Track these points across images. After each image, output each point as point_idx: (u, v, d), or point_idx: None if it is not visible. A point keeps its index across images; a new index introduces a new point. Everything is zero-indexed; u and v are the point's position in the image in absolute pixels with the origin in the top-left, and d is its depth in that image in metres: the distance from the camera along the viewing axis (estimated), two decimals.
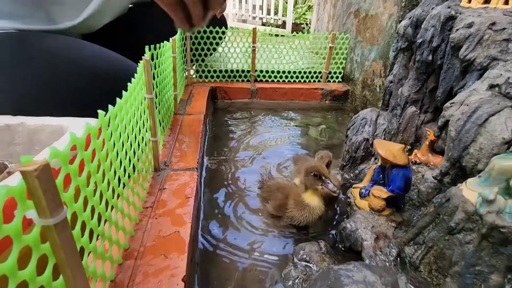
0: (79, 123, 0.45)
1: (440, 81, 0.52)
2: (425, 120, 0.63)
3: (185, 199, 0.47)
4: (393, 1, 0.82)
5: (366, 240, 0.43)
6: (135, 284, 0.33)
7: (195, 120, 0.75)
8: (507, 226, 0.29)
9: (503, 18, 0.44)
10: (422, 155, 0.59)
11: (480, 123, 0.38)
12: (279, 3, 3.12)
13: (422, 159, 0.59)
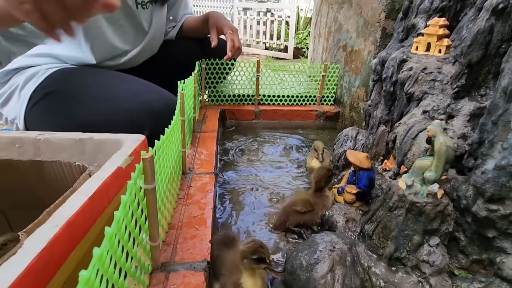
0: (132, 138, 0.62)
1: (395, 107, 0.70)
2: (392, 137, 0.80)
3: (206, 193, 0.63)
4: (371, 41, 1.02)
5: (339, 222, 0.59)
6: (178, 243, 0.49)
7: (210, 137, 0.93)
8: (420, 202, 0.46)
9: (434, 63, 0.62)
10: (390, 163, 0.75)
11: (413, 137, 0.55)
12: (282, 29, 3.36)
13: (390, 167, 0.75)
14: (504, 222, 0.43)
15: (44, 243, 0.30)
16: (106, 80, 0.74)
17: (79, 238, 0.37)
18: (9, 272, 0.26)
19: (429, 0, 0.71)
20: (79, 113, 0.67)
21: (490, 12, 0.50)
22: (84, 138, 0.61)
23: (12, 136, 0.58)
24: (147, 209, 0.38)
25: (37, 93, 0.72)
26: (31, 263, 0.27)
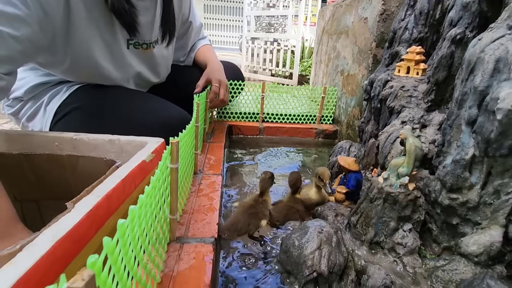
0: (153, 140, 0.72)
1: (380, 120, 0.80)
2: (377, 144, 0.90)
3: (214, 189, 0.73)
4: (364, 66, 1.14)
5: (329, 216, 0.67)
6: (191, 224, 0.58)
7: (218, 146, 1.03)
8: (394, 192, 0.55)
9: (411, 83, 0.73)
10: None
11: (392, 142, 0.64)
12: (287, 57, 3.56)
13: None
14: (463, 209, 0.51)
15: (90, 207, 0.39)
16: (127, 97, 0.82)
17: (113, 209, 0.47)
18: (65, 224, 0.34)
19: (409, 32, 0.83)
20: (102, 128, 0.75)
21: (450, 41, 0.61)
22: (112, 139, 0.71)
23: (52, 135, 0.68)
24: (171, 185, 0.48)
25: (62, 109, 0.78)
26: (80, 220, 0.35)
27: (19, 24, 0.53)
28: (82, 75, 0.79)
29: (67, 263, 0.35)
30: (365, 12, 1.13)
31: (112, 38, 0.75)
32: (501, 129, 0.43)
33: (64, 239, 0.34)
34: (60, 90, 0.81)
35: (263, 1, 3.54)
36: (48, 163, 0.64)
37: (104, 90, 0.82)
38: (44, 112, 0.81)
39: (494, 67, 0.45)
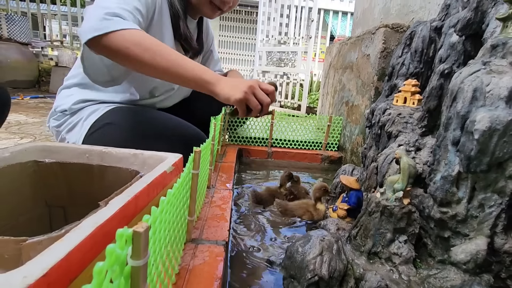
0: (173, 155, 0.80)
1: (380, 144, 0.87)
2: (375, 165, 0.96)
3: (226, 201, 0.79)
4: (367, 97, 1.23)
5: (331, 229, 0.72)
6: (204, 229, 0.64)
7: (229, 166, 1.11)
8: (390, 206, 0.60)
9: (407, 111, 0.81)
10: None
11: (389, 162, 0.71)
12: (296, 90, 3.72)
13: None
14: (453, 222, 0.57)
15: (122, 203, 0.46)
16: (152, 117, 0.92)
17: (139, 209, 0.53)
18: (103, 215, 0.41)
19: (406, 67, 0.93)
20: (128, 142, 0.77)
21: (439, 75, 0.70)
22: (136, 153, 0.79)
23: (84, 148, 0.76)
24: (191, 189, 0.55)
25: (97, 124, 0.88)
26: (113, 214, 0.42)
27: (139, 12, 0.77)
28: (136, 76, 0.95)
29: (103, 247, 0.42)
30: (367, 50, 1.24)
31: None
32: (479, 147, 0.49)
33: (101, 226, 0.41)
34: (98, 109, 0.93)
35: (275, 38, 3.78)
36: (79, 172, 0.72)
37: (134, 111, 0.93)
38: (82, 126, 0.91)
39: (472, 96, 0.52)
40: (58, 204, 0.75)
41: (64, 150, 0.75)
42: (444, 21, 0.84)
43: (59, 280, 0.32)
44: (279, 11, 3.69)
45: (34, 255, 0.44)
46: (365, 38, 1.27)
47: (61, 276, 0.32)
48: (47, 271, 0.29)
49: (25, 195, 0.66)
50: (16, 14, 3.41)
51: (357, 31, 1.69)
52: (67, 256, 0.33)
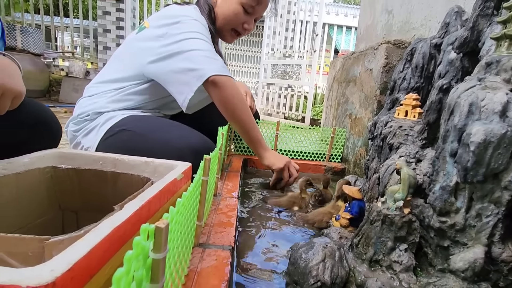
0: (182, 164, 0.83)
1: (381, 156, 0.90)
2: (377, 176, 0.98)
3: (232, 209, 0.82)
4: (370, 110, 1.27)
5: (334, 238, 0.74)
6: (211, 234, 0.66)
7: (234, 175, 1.13)
8: (391, 215, 0.62)
9: (408, 124, 0.84)
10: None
11: (390, 173, 0.73)
12: (300, 102, 3.77)
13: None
14: (452, 231, 0.58)
15: (136, 208, 0.49)
16: (164, 125, 0.97)
17: (152, 214, 0.56)
18: (119, 217, 0.44)
19: (407, 82, 0.96)
20: (141, 149, 0.82)
21: (438, 89, 0.73)
22: (148, 161, 0.82)
23: (98, 155, 0.80)
24: (201, 194, 0.58)
25: (112, 129, 0.94)
26: (128, 218, 0.45)
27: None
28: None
29: (119, 246, 0.45)
30: (370, 64, 1.28)
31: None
32: (475, 158, 0.52)
33: (118, 228, 0.44)
34: (115, 116, 0.98)
35: (280, 52, 3.87)
36: (93, 178, 0.75)
37: (148, 119, 0.99)
38: (98, 131, 0.97)
39: (468, 110, 0.55)
40: (71, 209, 0.78)
41: (79, 157, 0.78)
42: (443, 39, 0.87)
43: (81, 275, 0.35)
44: (284, 26, 3.78)
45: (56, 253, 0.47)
46: (368, 53, 1.31)
47: (83, 271, 0.35)
48: (71, 266, 0.32)
49: (41, 199, 0.70)
50: (31, 26, 3.54)
51: (361, 46, 1.74)
52: (88, 253, 0.36)
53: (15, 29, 3.00)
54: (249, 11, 1.04)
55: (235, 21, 1.05)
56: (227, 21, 1.05)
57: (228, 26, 1.06)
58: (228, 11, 1.04)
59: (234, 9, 1.03)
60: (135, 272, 0.25)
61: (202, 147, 0.90)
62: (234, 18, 1.04)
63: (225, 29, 1.07)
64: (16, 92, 0.54)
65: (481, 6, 0.67)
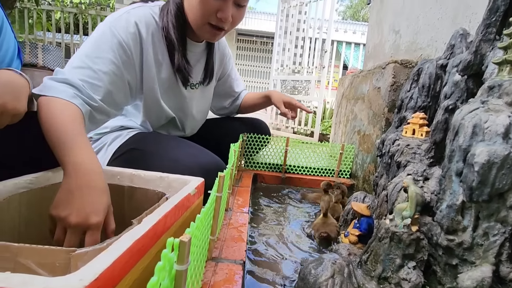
0: (195, 179, 0.86)
1: (390, 173, 0.91)
2: (385, 193, 0.99)
3: (242, 223, 0.84)
4: (378, 127, 1.29)
5: (343, 254, 0.75)
6: (223, 249, 0.69)
7: (245, 190, 1.16)
8: (399, 232, 0.64)
9: (416, 142, 0.85)
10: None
11: (398, 191, 0.75)
12: (309, 117, 3.80)
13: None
14: (460, 249, 0.59)
15: (153, 222, 0.52)
16: (173, 144, 0.97)
17: (167, 228, 0.59)
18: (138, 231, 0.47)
19: (414, 101, 0.99)
20: (151, 168, 0.81)
21: (444, 110, 0.75)
22: (162, 176, 0.85)
23: (116, 171, 0.83)
24: (214, 210, 0.61)
25: (121, 149, 0.94)
26: (146, 232, 0.48)
27: (108, 63, 0.74)
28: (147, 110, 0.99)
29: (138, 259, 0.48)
30: (378, 83, 1.31)
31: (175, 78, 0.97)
32: (480, 178, 0.54)
33: (137, 241, 0.47)
34: (121, 134, 1.00)
35: (289, 68, 3.94)
36: (111, 193, 0.79)
37: (156, 137, 1.00)
38: (106, 150, 0.98)
39: (472, 131, 0.57)
40: None
41: None
42: (449, 60, 0.90)
43: (106, 285, 0.38)
44: (293, 43, 3.87)
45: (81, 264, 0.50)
46: (375, 72, 1.34)
47: (107, 281, 0.38)
48: (98, 276, 0.35)
49: None
50: (51, 44, 3.72)
51: (369, 64, 1.77)
52: (112, 264, 0.39)
53: (37, 47, 3.16)
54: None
55: (205, 12, 0.83)
56: (197, 16, 0.85)
57: (201, 21, 0.85)
58: (194, 2, 0.83)
59: (200, 1, 0.81)
60: (162, 282, 0.28)
61: (212, 166, 0.91)
62: (202, 8, 0.82)
63: (198, 26, 0.87)
64: (15, 111, 0.56)
65: (484, 31, 0.70)
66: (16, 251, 0.46)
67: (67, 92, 0.66)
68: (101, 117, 0.76)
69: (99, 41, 0.75)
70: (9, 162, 0.64)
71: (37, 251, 0.47)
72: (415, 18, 1.35)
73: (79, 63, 0.70)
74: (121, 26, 0.78)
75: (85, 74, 0.69)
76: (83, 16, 4.19)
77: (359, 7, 17.36)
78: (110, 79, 0.75)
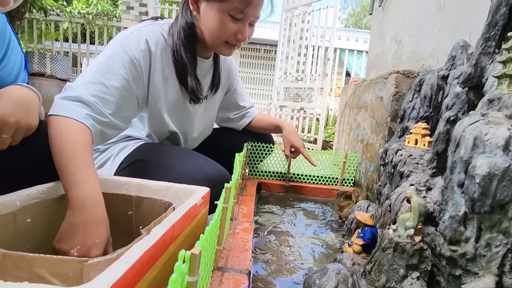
0: (201, 189, 0.87)
1: (393, 183, 0.92)
2: (388, 203, 0.99)
3: (247, 233, 0.85)
4: (381, 137, 1.30)
5: (347, 264, 0.76)
6: (229, 258, 0.70)
7: (249, 199, 1.17)
8: (402, 242, 0.65)
9: (418, 152, 0.87)
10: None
11: (401, 201, 0.76)
12: (312, 124, 3.81)
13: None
14: (463, 260, 0.60)
15: (162, 232, 0.53)
16: (179, 154, 0.98)
17: (175, 237, 0.60)
18: (148, 241, 0.49)
19: (416, 111, 1.00)
20: (157, 178, 0.82)
21: (445, 121, 0.77)
22: (169, 186, 0.86)
23: (124, 180, 0.84)
24: (221, 221, 0.62)
25: (127, 160, 0.96)
26: (155, 242, 0.50)
27: (119, 78, 0.77)
28: (151, 123, 1.02)
29: (148, 268, 0.49)
30: (380, 92, 1.33)
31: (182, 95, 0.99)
32: (481, 190, 0.55)
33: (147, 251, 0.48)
34: (128, 145, 1.02)
35: (292, 75, 3.97)
36: (119, 202, 0.81)
37: (162, 148, 1.02)
38: (112, 161, 1.00)
39: (473, 143, 0.59)
40: None
41: (106, 181, 0.84)
42: (450, 71, 0.92)
43: None
44: (296, 51, 3.91)
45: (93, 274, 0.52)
46: (378, 82, 1.36)
47: None
48: (111, 286, 0.37)
49: None
50: (59, 53, 3.80)
51: (371, 73, 1.79)
52: (124, 274, 0.40)
53: (45, 57, 3.23)
54: (238, 17, 0.84)
55: (224, 33, 0.86)
56: (215, 36, 0.87)
57: (218, 40, 0.88)
58: (212, 24, 0.85)
59: (219, 20, 0.83)
60: None
61: (217, 176, 0.93)
62: (221, 30, 0.85)
63: (215, 44, 0.90)
64: (28, 127, 0.59)
65: (483, 45, 0.71)
66: (31, 261, 0.47)
67: (79, 112, 0.68)
68: (111, 132, 0.79)
69: (111, 57, 0.77)
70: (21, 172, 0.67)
71: (51, 261, 0.49)
72: (416, 29, 1.37)
73: (92, 78, 0.73)
74: (132, 44, 0.81)
75: (97, 89, 0.72)
76: (90, 26, 4.28)
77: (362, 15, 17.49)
78: (121, 94, 0.78)
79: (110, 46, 0.81)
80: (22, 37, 4.09)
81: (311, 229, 1.11)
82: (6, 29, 0.73)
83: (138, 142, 1.03)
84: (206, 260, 0.50)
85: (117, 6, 8.15)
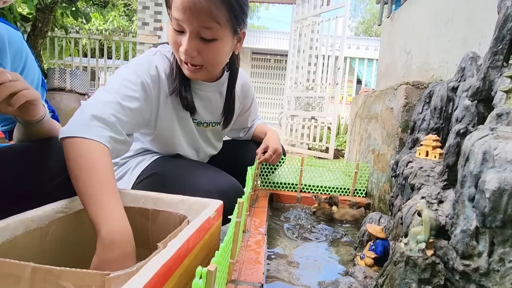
0: (214, 202, 0.89)
1: (404, 195, 0.92)
2: (400, 216, 0.99)
3: (260, 245, 0.87)
4: (392, 147, 1.30)
5: (359, 277, 0.76)
6: (242, 271, 0.72)
7: (261, 211, 1.19)
8: (414, 256, 0.65)
9: (429, 165, 0.87)
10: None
11: (412, 214, 0.76)
12: (324, 133, 3.80)
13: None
14: (476, 275, 0.60)
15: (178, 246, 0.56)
16: (192, 168, 1.02)
17: (190, 251, 0.63)
18: (165, 255, 0.52)
19: (426, 123, 1.01)
20: (171, 191, 0.85)
21: (455, 134, 0.77)
22: (183, 199, 0.88)
23: (141, 194, 0.87)
24: (234, 234, 0.65)
25: (144, 173, 1.00)
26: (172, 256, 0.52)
27: (133, 100, 0.82)
28: (161, 143, 1.07)
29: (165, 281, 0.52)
30: (391, 103, 1.34)
31: (185, 115, 1.03)
32: (491, 204, 0.55)
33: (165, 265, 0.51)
34: (144, 159, 1.07)
35: (303, 85, 4.00)
36: (137, 215, 0.84)
37: (178, 161, 1.06)
38: (130, 175, 1.05)
39: (482, 158, 0.59)
40: None
41: (125, 195, 0.88)
42: (460, 82, 0.92)
43: None
44: (307, 60, 3.95)
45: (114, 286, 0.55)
46: (388, 93, 1.37)
47: None
48: None
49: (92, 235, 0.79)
50: (78, 68, 3.96)
51: (381, 83, 1.80)
52: (143, 287, 0.43)
53: (65, 72, 3.38)
54: (177, 28, 0.78)
55: (174, 48, 0.84)
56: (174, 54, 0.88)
57: (177, 57, 0.87)
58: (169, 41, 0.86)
59: (169, 35, 0.82)
60: None
61: (230, 189, 0.95)
62: (171, 43, 0.84)
63: (179, 63, 0.89)
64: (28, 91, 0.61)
65: (491, 59, 0.72)
66: (58, 274, 0.51)
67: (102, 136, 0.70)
68: (121, 148, 0.82)
69: (126, 80, 0.83)
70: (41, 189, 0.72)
71: (76, 274, 0.52)
72: (425, 40, 1.38)
73: (110, 98, 0.77)
74: (144, 69, 0.87)
75: (115, 109, 0.76)
76: (108, 42, 4.46)
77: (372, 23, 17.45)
78: (134, 115, 0.82)
79: (126, 70, 0.86)
80: (44, 54, 4.30)
81: (323, 242, 1.12)
82: (22, 46, 0.79)
83: (155, 156, 1.07)
84: (220, 274, 0.52)
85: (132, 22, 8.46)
